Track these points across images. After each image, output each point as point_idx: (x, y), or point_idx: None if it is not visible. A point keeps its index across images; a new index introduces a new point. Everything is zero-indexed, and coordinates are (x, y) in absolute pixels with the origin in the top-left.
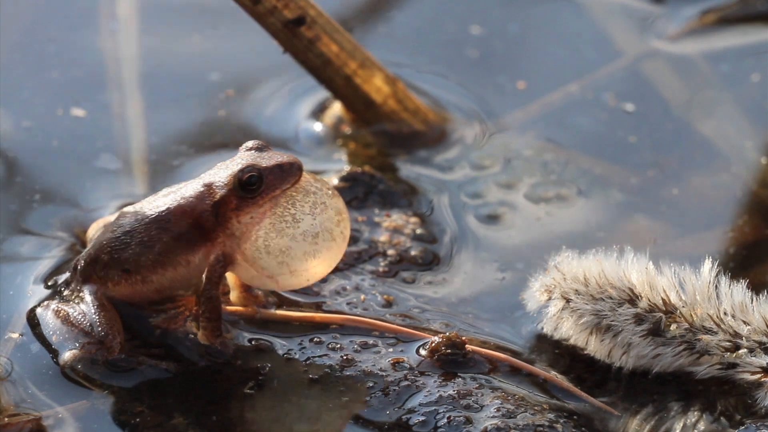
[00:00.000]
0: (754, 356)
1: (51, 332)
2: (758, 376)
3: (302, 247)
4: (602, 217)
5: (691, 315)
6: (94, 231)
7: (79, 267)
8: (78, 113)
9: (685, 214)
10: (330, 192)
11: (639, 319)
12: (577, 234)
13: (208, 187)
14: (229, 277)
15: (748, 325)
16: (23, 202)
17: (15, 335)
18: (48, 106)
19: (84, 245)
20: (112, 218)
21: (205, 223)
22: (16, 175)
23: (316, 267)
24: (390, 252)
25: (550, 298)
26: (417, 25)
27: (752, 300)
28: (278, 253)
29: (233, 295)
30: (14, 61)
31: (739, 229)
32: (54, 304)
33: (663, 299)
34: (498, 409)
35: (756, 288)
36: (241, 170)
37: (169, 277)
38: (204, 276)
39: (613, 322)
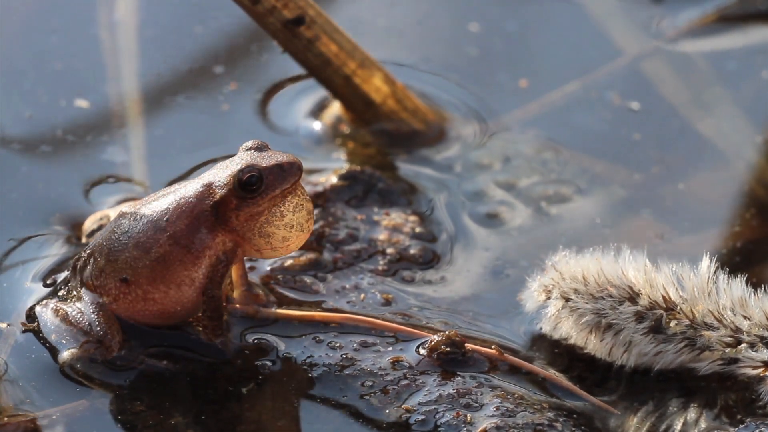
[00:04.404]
0: (756, 351)
1: (50, 331)
2: (760, 370)
3: (282, 233)
4: (606, 215)
5: (692, 311)
6: (90, 223)
7: (77, 267)
8: (81, 104)
9: (690, 210)
10: (307, 197)
11: (640, 317)
12: (581, 232)
13: (208, 187)
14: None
15: (749, 319)
16: (25, 194)
17: (3, 325)
18: (51, 97)
19: (80, 239)
20: (110, 212)
21: (204, 224)
22: (20, 165)
23: (289, 246)
24: (389, 251)
25: (548, 298)
26: (415, 22)
27: (751, 295)
28: (266, 235)
29: (234, 294)
30: (16, 52)
31: (746, 224)
32: (53, 303)
33: (663, 296)
34: (497, 408)
35: (760, 284)
36: (241, 170)
37: (173, 297)
38: (206, 275)
39: (614, 321)
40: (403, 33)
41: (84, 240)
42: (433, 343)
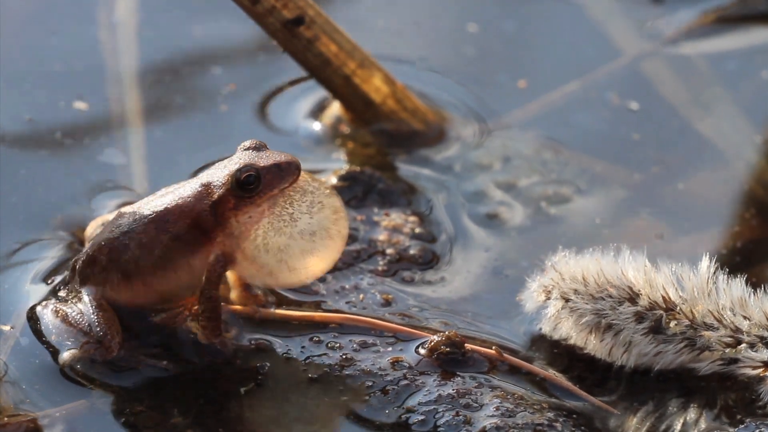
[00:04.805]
0: (755, 351)
1: (50, 332)
2: (759, 370)
3: (300, 245)
4: (606, 215)
5: (692, 311)
6: (92, 229)
7: (77, 267)
8: (80, 106)
9: (690, 210)
10: (327, 191)
11: (640, 317)
12: (580, 232)
13: (206, 186)
14: (229, 276)
15: (749, 320)
16: (25, 197)
17: (6, 327)
18: (50, 98)
19: (83, 244)
20: (110, 217)
21: (203, 223)
22: (19, 168)
23: (315, 264)
24: (389, 251)
25: (548, 299)
26: (413, 22)
27: (751, 295)
28: (276, 251)
29: (233, 295)
30: (15, 53)
31: (746, 224)
32: (53, 304)
33: (663, 296)
34: (497, 408)
35: (760, 284)
36: (239, 170)
37: (172, 281)
38: (204, 276)
39: (614, 321)
40: (401, 33)
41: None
42: (432, 343)
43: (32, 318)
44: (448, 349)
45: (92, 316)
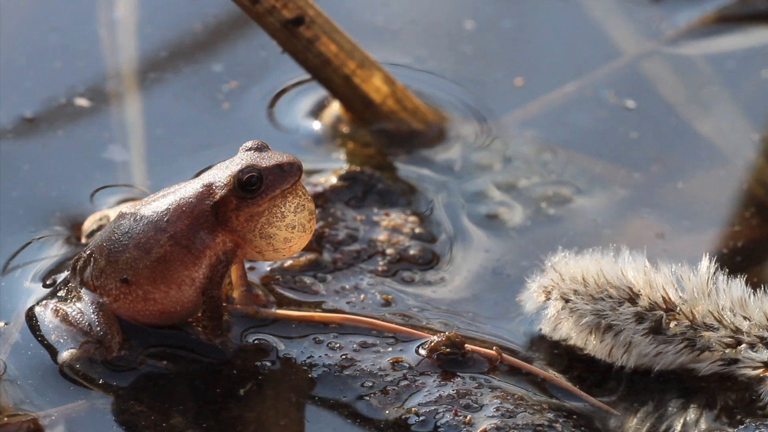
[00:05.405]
0: (755, 351)
1: (49, 331)
2: (759, 371)
3: (283, 234)
4: (606, 215)
5: (692, 312)
6: (90, 223)
7: (77, 267)
8: (81, 103)
9: (689, 209)
10: (308, 197)
11: (640, 318)
12: (580, 232)
13: (208, 187)
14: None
15: (749, 320)
16: (26, 193)
17: (1, 324)
18: (51, 95)
19: (80, 239)
20: (109, 212)
21: (204, 224)
22: (21, 165)
23: (292, 248)
24: (389, 251)
25: (548, 299)
26: (410, 21)
27: (751, 295)
28: (267, 237)
29: (234, 295)
30: (16, 50)
31: (745, 223)
32: (53, 303)
33: (663, 297)
34: (497, 409)
35: (760, 284)
36: (241, 170)
37: (174, 297)
38: (206, 275)
39: (613, 322)
40: (399, 31)
41: (84, 240)
42: (432, 343)
43: (32, 317)
44: (448, 349)
45: (92, 316)
